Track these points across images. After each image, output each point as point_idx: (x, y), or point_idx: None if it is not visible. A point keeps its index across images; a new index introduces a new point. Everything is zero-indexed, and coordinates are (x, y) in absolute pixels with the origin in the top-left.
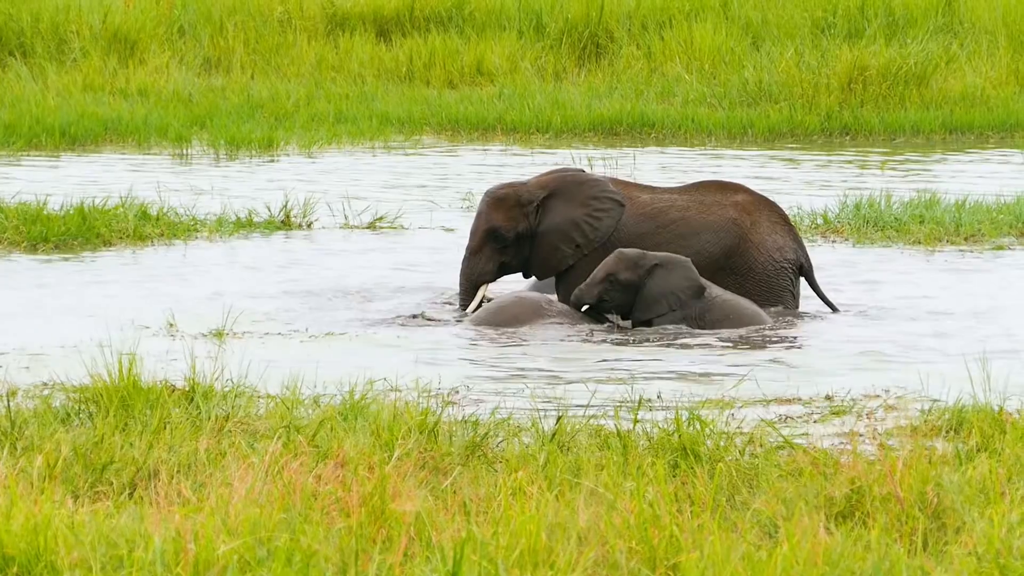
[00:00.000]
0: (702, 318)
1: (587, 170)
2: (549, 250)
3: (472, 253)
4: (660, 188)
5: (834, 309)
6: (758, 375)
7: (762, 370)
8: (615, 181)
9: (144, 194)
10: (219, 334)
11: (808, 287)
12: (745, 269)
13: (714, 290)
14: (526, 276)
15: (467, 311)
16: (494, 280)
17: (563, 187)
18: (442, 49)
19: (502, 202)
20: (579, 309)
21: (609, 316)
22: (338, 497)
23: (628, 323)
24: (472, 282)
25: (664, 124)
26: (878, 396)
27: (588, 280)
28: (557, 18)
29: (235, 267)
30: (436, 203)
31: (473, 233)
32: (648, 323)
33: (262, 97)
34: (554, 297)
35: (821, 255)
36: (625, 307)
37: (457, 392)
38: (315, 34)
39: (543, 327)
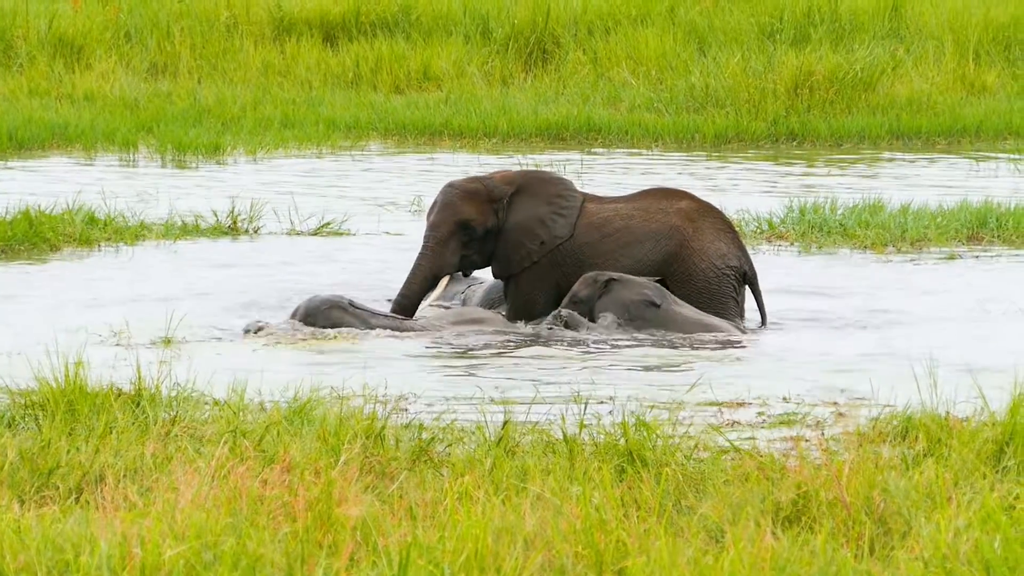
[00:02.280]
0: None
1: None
2: (514, 246)
3: (439, 243)
4: (606, 197)
5: (764, 321)
6: (707, 381)
7: (711, 376)
8: None
9: (91, 199)
10: (166, 339)
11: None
12: (687, 276)
13: (679, 308)
14: (494, 273)
15: (428, 303)
16: (454, 273)
17: (529, 184)
18: (389, 54)
19: (474, 196)
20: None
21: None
22: (284, 502)
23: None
24: (433, 274)
25: (611, 129)
26: (825, 402)
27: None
28: (504, 23)
29: (182, 272)
30: (383, 208)
31: (438, 225)
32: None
33: (209, 102)
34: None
35: (766, 261)
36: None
37: (404, 397)
38: (262, 39)
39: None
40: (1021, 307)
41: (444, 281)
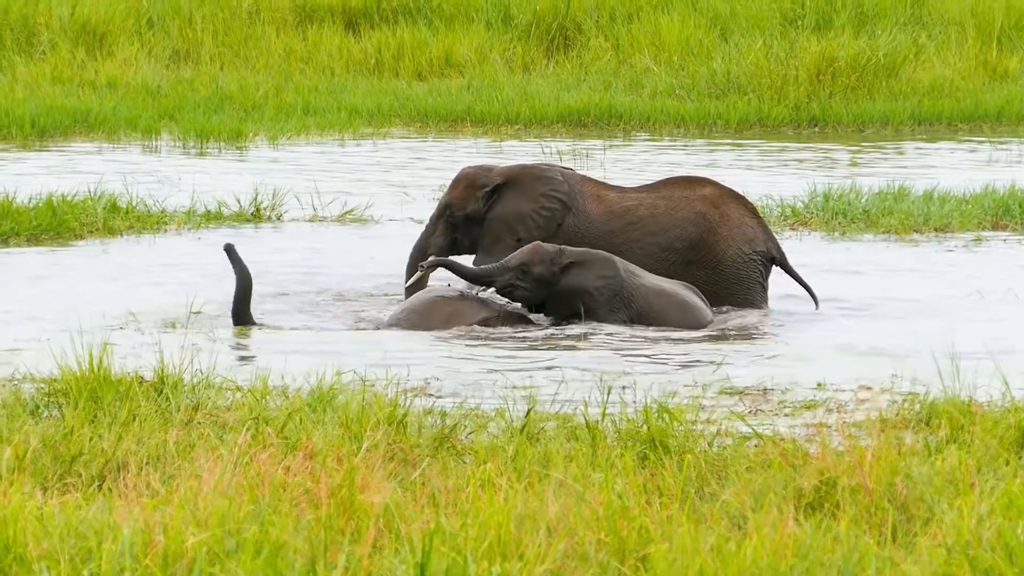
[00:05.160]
0: (628, 308)
1: (570, 167)
2: (492, 238)
3: (430, 223)
4: (629, 188)
5: (815, 298)
6: (728, 368)
7: (732, 363)
8: (586, 179)
9: (114, 187)
10: (188, 326)
11: (789, 278)
12: (715, 262)
13: (642, 279)
14: (474, 261)
15: (407, 283)
16: (444, 254)
17: (519, 179)
18: (411, 41)
19: (463, 180)
20: (485, 285)
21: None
22: (307, 489)
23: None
24: (420, 251)
25: (632, 116)
26: (848, 388)
27: (501, 263)
28: (525, 10)
29: (204, 260)
30: (406, 195)
31: (437, 206)
32: (567, 319)
33: (231, 89)
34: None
35: (790, 247)
36: (535, 301)
37: (427, 384)
38: (284, 26)
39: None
40: None
41: (430, 259)
